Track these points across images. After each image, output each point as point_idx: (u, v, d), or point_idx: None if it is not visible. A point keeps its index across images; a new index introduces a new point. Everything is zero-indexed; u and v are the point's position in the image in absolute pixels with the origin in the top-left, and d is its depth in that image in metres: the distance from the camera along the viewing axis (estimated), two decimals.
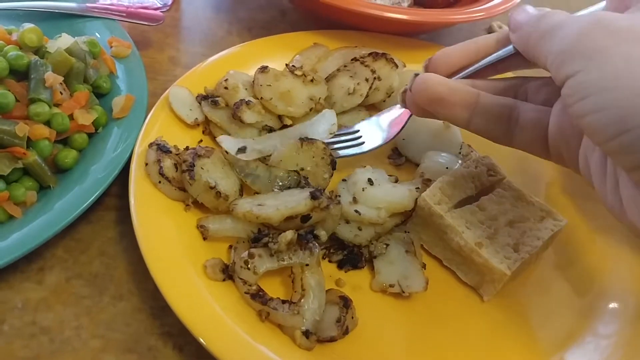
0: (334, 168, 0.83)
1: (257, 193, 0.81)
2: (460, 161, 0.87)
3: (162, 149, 0.78)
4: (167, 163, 0.77)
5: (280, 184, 0.80)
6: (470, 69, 0.72)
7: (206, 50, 1.08)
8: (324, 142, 0.82)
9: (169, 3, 1.13)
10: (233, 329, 0.66)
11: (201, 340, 0.64)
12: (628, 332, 0.73)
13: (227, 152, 0.81)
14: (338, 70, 0.94)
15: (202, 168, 0.76)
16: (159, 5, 1.12)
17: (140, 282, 0.74)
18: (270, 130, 0.89)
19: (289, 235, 0.70)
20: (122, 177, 0.78)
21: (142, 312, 0.71)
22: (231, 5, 1.21)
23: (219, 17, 1.17)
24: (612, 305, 0.77)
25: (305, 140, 0.82)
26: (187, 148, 0.80)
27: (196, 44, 1.10)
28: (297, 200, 0.74)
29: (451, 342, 0.72)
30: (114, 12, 1.01)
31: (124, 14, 1.02)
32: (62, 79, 0.81)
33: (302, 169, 0.82)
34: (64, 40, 0.86)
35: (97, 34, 0.97)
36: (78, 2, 1.01)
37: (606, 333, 0.74)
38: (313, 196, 0.73)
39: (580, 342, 0.73)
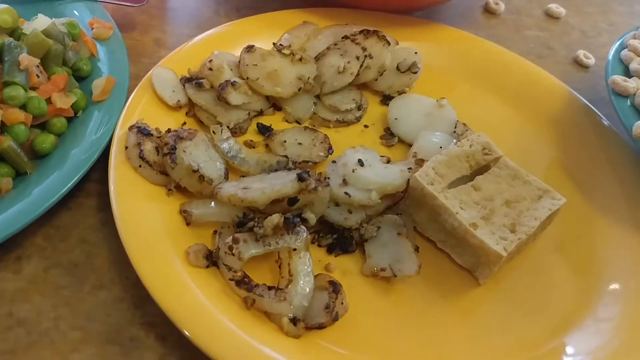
0: (330, 153, 0.83)
1: (243, 176, 0.78)
2: (454, 140, 0.84)
3: (142, 131, 0.75)
4: (148, 146, 0.74)
5: (267, 165, 0.78)
6: None
7: (193, 31, 1.04)
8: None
9: None
10: (217, 318, 0.63)
11: (185, 331, 0.61)
12: (629, 316, 0.71)
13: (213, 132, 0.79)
14: (328, 48, 0.91)
15: (184, 151, 0.73)
16: None
17: (122, 271, 0.71)
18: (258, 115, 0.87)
19: (275, 219, 0.67)
20: (103, 162, 0.75)
21: (123, 301, 0.69)
22: None
23: None
24: (613, 286, 0.74)
25: (308, 128, 0.86)
26: (168, 130, 0.77)
27: (182, 25, 1.07)
28: (283, 183, 0.71)
29: (446, 327, 0.70)
30: None
31: None
32: (38, 61, 0.78)
33: (300, 144, 0.83)
34: (41, 22, 0.82)
35: (77, 14, 0.93)
36: None
37: (607, 316, 0.71)
38: (300, 178, 0.70)
39: (580, 325, 0.71)
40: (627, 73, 0.91)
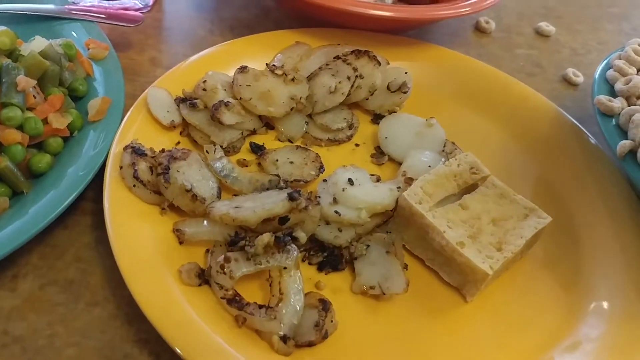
0: (321, 172, 0.84)
1: (236, 195, 0.79)
2: (443, 159, 0.85)
3: (137, 151, 0.76)
4: (142, 166, 0.76)
5: (259, 184, 0.80)
6: None
7: (188, 50, 1.06)
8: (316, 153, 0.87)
9: (150, 4, 1.12)
10: (209, 336, 0.64)
11: (176, 349, 0.62)
12: (614, 335, 0.72)
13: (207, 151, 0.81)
14: (320, 68, 0.93)
15: (177, 171, 0.75)
16: (140, 5, 1.11)
17: (117, 288, 0.72)
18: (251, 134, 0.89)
19: (266, 238, 0.69)
20: (99, 181, 0.76)
21: (117, 318, 0.70)
22: (214, 4, 1.20)
23: (201, 17, 1.15)
24: (599, 305, 0.75)
25: (300, 147, 0.87)
26: (163, 150, 0.79)
27: (178, 44, 1.09)
28: (274, 202, 0.72)
29: (434, 344, 0.71)
30: (93, 14, 0.99)
31: (104, 16, 1.00)
32: (35, 82, 0.79)
33: (292, 162, 0.84)
34: (38, 43, 0.84)
35: (75, 35, 0.95)
36: (56, 4, 0.99)
37: (593, 335, 0.72)
38: (291, 197, 0.72)
39: (566, 344, 0.72)
40: (613, 93, 0.92)
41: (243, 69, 0.89)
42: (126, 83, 0.89)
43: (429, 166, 0.84)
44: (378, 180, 0.83)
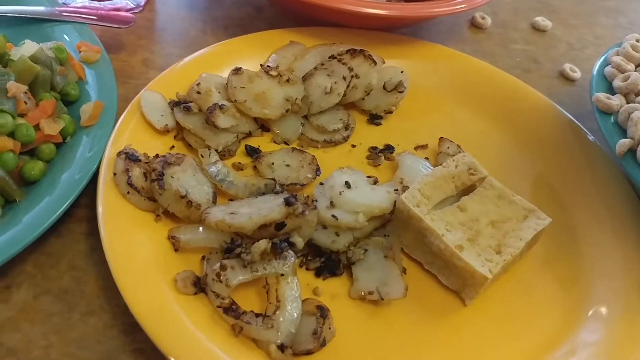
0: (318, 175, 0.83)
1: (232, 199, 0.78)
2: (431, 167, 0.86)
3: (130, 157, 0.75)
4: (136, 172, 0.75)
5: (255, 189, 0.79)
6: None
7: (181, 51, 1.05)
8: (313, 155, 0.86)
9: (142, 4, 1.11)
10: (205, 346, 0.64)
11: (172, 359, 0.61)
12: (614, 337, 0.71)
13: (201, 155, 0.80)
14: (315, 68, 0.92)
15: (172, 177, 0.74)
16: (132, 5, 1.10)
17: (112, 297, 0.71)
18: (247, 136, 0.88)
19: (262, 245, 0.68)
20: (93, 187, 0.75)
21: (113, 328, 0.69)
22: (206, 3, 1.18)
23: (193, 17, 1.14)
24: (598, 307, 0.75)
25: (295, 149, 0.86)
26: (156, 156, 0.78)
27: (170, 45, 1.08)
28: (270, 208, 0.71)
29: (432, 349, 0.70)
30: (84, 16, 0.98)
31: (95, 17, 0.99)
32: (26, 88, 0.78)
33: (288, 165, 0.83)
34: (28, 47, 0.83)
35: (66, 37, 0.94)
36: (46, 6, 0.98)
37: (592, 339, 0.72)
38: (287, 202, 0.71)
39: (566, 347, 0.71)
40: (611, 90, 0.92)
41: (237, 71, 0.87)
42: (118, 86, 0.88)
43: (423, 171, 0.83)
44: (375, 182, 0.82)
